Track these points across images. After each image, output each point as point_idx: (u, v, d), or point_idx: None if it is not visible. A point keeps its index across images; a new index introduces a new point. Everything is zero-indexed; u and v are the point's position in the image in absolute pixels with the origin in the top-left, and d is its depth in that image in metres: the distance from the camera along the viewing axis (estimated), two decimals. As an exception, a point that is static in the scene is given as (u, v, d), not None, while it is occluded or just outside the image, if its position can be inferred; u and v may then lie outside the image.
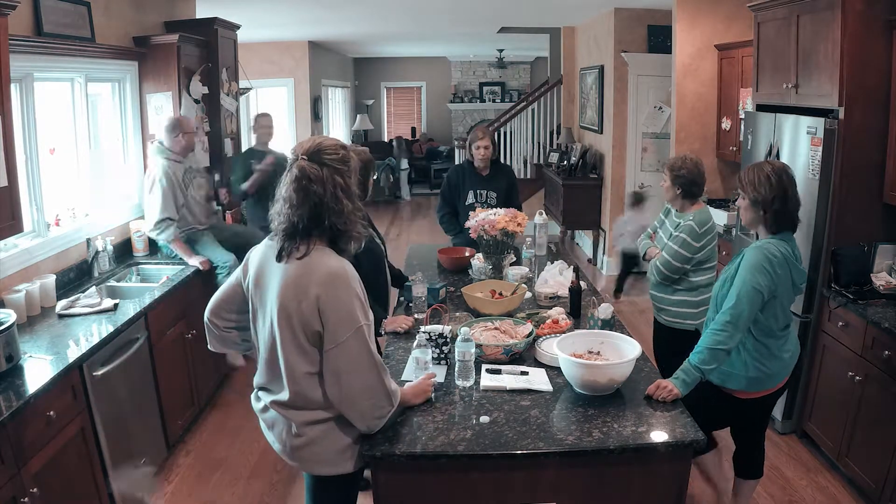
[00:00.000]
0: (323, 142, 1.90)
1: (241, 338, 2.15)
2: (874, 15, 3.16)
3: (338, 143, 1.93)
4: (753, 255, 2.37)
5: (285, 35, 8.79)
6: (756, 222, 2.44)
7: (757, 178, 2.38)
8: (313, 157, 1.85)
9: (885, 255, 3.34)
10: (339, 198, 1.85)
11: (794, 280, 2.42)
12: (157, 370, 3.34)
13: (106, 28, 3.97)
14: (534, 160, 9.21)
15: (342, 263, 1.88)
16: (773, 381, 2.50)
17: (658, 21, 6.46)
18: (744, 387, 2.47)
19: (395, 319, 2.85)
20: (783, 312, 2.45)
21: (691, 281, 3.14)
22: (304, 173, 1.83)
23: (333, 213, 1.84)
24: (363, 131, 12.85)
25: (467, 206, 4.14)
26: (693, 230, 3.07)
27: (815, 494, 3.17)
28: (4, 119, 2.67)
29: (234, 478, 3.39)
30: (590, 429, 1.99)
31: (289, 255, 1.85)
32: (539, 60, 13.65)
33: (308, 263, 1.84)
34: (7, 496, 2.13)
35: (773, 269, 2.33)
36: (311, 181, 1.82)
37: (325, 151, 1.87)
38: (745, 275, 2.34)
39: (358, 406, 1.86)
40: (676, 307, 3.20)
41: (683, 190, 3.13)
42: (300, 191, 1.83)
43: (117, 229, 4.12)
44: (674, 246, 3.10)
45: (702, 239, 3.07)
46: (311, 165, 1.84)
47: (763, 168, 2.40)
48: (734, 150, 5.06)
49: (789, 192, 2.37)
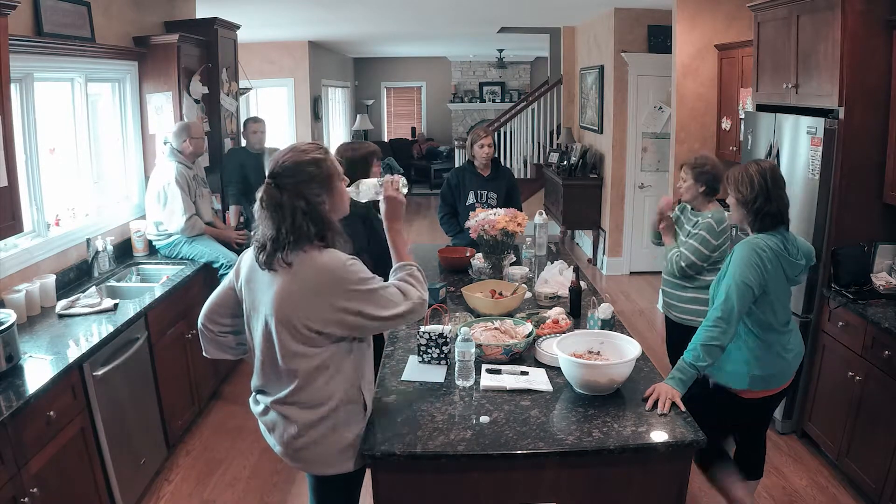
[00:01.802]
0: (289, 159, 1.88)
1: (236, 342, 2.14)
2: (874, 15, 3.16)
3: (305, 158, 1.89)
4: (742, 251, 2.39)
5: (285, 35, 8.79)
6: (743, 220, 2.50)
7: (741, 178, 2.44)
8: (277, 179, 1.86)
9: (885, 255, 3.34)
10: (300, 225, 1.84)
11: (787, 274, 2.43)
12: (157, 370, 3.34)
13: (106, 28, 3.97)
14: (534, 160, 9.21)
15: (332, 256, 1.87)
16: (777, 382, 2.50)
17: (658, 21, 6.46)
18: (747, 386, 2.46)
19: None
20: (782, 307, 2.46)
21: (703, 279, 3.15)
22: (269, 197, 1.85)
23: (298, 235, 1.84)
24: (363, 131, 12.84)
25: (467, 207, 4.15)
26: (712, 228, 3.08)
27: (815, 494, 3.17)
28: (4, 119, 2.67)
29: (234, 478, 3.39)
30: (590, 429, 1.99)
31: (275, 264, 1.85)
32: (539, 60, 13.65)
33: (298, 267, 1.84)
34: (7, 496, 2.13)
35: (763, 263, 2.35)
36: (273, 208, 1.84)
37: (287, 173, 1.86)
38: (734, 270, 2.37)
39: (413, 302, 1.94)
40: (688, 304, 3.21)
41: (707, 187, 3.13)
42: (265, 213, 1.86)
43: (117, 229, 4.12)
44: (694, 243, 3.11)
45: (720, 237, 3.09)
46: (273, 191, 1.85)
47: (749, 168, 2.45)
48: (734, 150, 5.06)
49: (772, 192, 2.41)
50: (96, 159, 4.10)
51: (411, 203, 12.09)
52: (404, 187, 2.16)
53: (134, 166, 4.47)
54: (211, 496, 3.24)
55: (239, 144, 5.48)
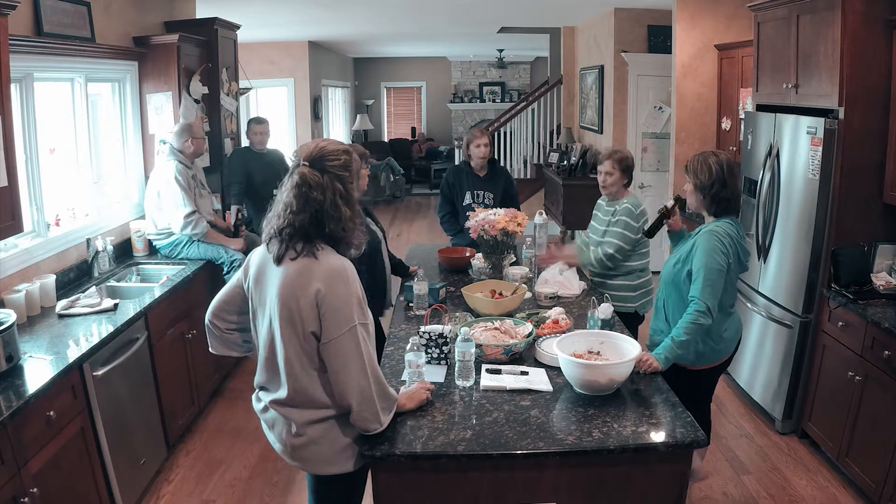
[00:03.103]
0: (326, 147, 1.91)
1: (242, 339, 2.17)
2: (874, 15, 3.16)
3: (340, 147, 1.94)
4: (707, 241, 2.58)
5: (285, 35, 8.79)
6: (700, 206, 2.71)
7: (700, 166, 2.65)
8: (315, 164, 1.87)
9: (885, 255, 3.34)
10: (339, 205, 1.86)
11: (741, 259, 2.68)
12: (157, 370, 3.34)
13: (106, 28, 3.97)
14: (534, 160, 9.21)
15: (343, 262, 1.89)
16: (719, 356, 2.77)
17: (658, 21, 6.46)
18: (692, 361, 2.69)
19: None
20: (731, 290, 2.71)
21: (628, 266, 3.38)
22: (305, 180, 1.85)
23: (332, 220, 1.86)
24: (363, 131, 12.86)
25: (465, 207, 4.16)
26: (631, 212, 3.30)
27: (815, 494, 3.16)
28: (4, 119, 2.67)
29: (234, 478, 3.39)
30: (590, 429, 1.99)
31: (288, 256, 1.86)
32: (539, 60, 13.65)
33: (309, 261, 1.85)
34: (7, 496, 2.13)
35: (726, 248, 2.58)
36: (311, 188, 1.84)
37: (326, 157, 1.88)
38: (706, 260, 2.55)
39: (351, 405, 1.86)
40: (617, 291, 3.39)
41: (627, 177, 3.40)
42: (300, 197, 1.84)
43: (117, 229, 4.12)
44: (619, 229, 3.32)
45: (640, 219, 3.31)
46: (311, 172, 1.85)
47: (707, 157, 2.66)
48: (734, 150, 5.05)
49: (728, 179, 2.62)
50: (96, 159, 4.11)
51: (411, 203, 12.09)
52: None
53: (134, 166, 4.46)
54: (211, 496, 3.23)
55: (239, 144, 5.48)
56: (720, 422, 3.87)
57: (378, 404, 1.88)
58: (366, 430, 1.90)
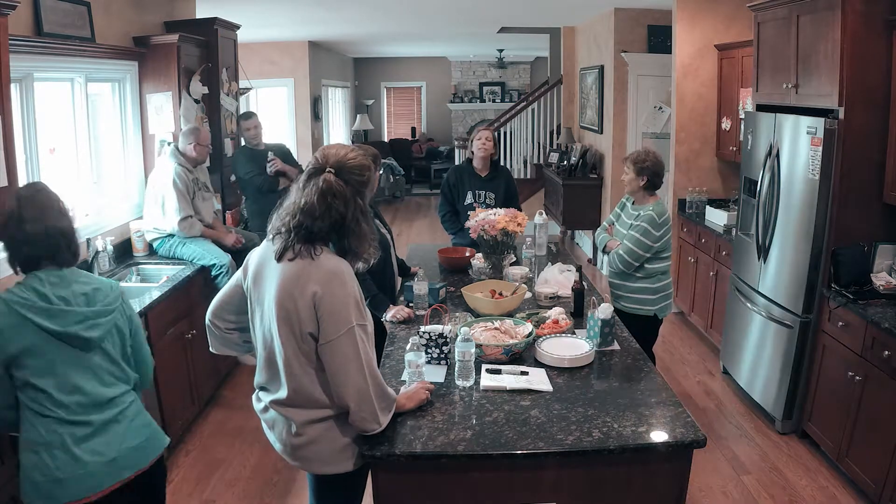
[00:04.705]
0: (352, 158, 1.92)
1: (241, 339, 2.17)
2: (874, 15, 3.16)
3: (364, 163, 1.95)
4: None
5: (285, 35, 8.79)
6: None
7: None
8: (340, 173, 1.87)
9: (885, 255, 3.34)
10: (360, 221, 1.88)
11: None
12: (157, 370, 3.32)
13: (106, 28, 3.97)
14: (534, 160, 9.21)
15: (340, 263, 1.89)
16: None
17: (658, 21, 6.46)
18: None
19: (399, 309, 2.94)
20: None
21: (649, 269, 3.36)
22: (331, 189, 1.85)
23: (353, 236, 1.88)
24: (363, 131, 12.85)
25: (466, 207, 4.15)
26: (654, 220, 3.29)
27: (815, 494, 3.17)
28: (4, 119, 2.67)
29: (234, 478, 3.39)
30: (590, 429, 1.99)
31: (292, 255, 1.86)
32: (539, 60, 13.65)
33: (306, 263, 1.85)
34: (7, 496, 2.12)
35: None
36: (335, 197, 1.85)
37: (352, 170, 1.89)
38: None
39: (349, 406, 1.86)
40: (636, 294, 3.40)
41: (648, 181, 3.38)
42: (324, 204, 1.84)
43: (117, 229, 4.12)
44: (636, 235, 3.30)
45: (661, 229, 3.30)
46: (338, 182, 1.86)
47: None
48: (734, 150, 5.06)
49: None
50: (96, 159, 4.10)
51: (411, 203, 12.10)
52: None
53: (134, 166, 4.46)
54: (211, 496, 3.23)
55: (240, 144, 5.47)
56: (720, 422, 3.87)
57: (377, 405, 1.88)
58: (365, 431, 1.90)
